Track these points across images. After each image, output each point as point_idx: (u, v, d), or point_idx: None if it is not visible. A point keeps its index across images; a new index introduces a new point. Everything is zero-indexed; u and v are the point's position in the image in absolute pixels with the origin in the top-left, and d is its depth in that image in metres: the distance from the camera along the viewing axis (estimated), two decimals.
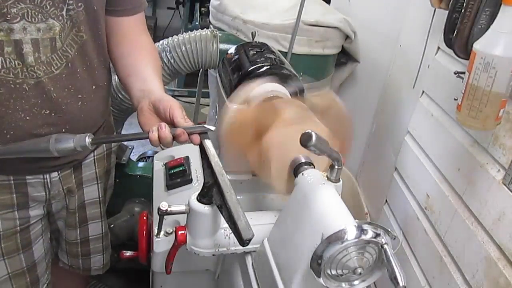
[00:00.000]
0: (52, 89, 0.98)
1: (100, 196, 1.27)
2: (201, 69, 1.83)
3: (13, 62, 0.93)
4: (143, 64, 1.06)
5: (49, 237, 1.25)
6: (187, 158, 1.31)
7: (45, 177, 1.10)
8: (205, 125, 0.91)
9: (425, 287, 1.13)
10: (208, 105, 2.34)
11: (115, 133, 1.32)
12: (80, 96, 1.03)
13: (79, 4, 0.96)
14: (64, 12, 0.95)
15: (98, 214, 1.29)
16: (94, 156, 1.22)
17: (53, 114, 1.00)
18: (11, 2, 0.89)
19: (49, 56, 0.96)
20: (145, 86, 1.00)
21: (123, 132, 1.90)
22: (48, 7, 0.92)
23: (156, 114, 0.93)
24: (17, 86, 0.95)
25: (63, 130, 1.03)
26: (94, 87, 1.07)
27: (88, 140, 0.88)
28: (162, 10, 4.69)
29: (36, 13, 0.92)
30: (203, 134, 0.90)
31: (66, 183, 1.15)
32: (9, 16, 0.89)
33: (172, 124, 0.89)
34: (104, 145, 1.24)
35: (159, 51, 1.57)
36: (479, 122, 0.82)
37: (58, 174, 1.13)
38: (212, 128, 0.90)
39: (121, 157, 1.73)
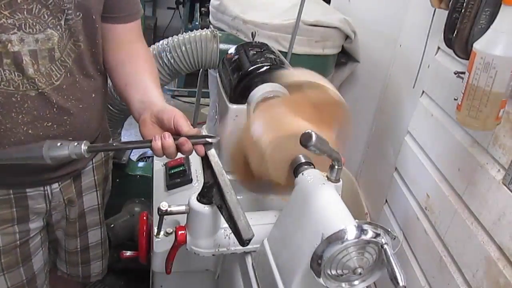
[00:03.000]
0: (54, 100, 0.96)
1: (99, 202, 1.26)
2: (201, 69, 1.83)
3: (13, 74, 0.90)
4: (141, 73, 1.04)
5: (48, 248, 1.23)
6: (187, 158, 1.31)
7: (45, 188, 1.09)
8: (208, 135, 0.89)
9: (425, 287, 1.13)
10: (208, 105, 2.34)
11: (111, 139, 1.31)
12: (81, 106, 1.02)
13: (78, 13, 0.94)
14: (62, 22, 0.92)
15: (97, 221, 1.28)
16: (93, 163, 1.20)
17: (55, 126, 0.98)
18: (7, 12, 0.86)
19: (48, 67, 0.94)
20: (146, 97, 0.97)
21: (123, 132, 1.90)
22: (46, 17, 0.90)
23: (159, 126, 0.90)
24: (18, 99, 0.92)
25: None
26: (93, 95, 1.05)
27: (84, 147, 0.84)
28: (162, 10, 4.69)
29: (34, 24, 0.89)
30: (207, 144, 0.88)
31: (66, 194, 1.14)
32: (6, 27, 0.86)
33: (177, 134, 0.87)
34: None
35: (159, 51, 1.57)
36: (479, 122, 0.82)
37: (59, 185, 1.11)
38: (215, 140, 0.88)
39: (121, 157, 1.73)
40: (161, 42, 1.61)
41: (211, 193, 0.89)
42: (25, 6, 0.87)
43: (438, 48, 1.17)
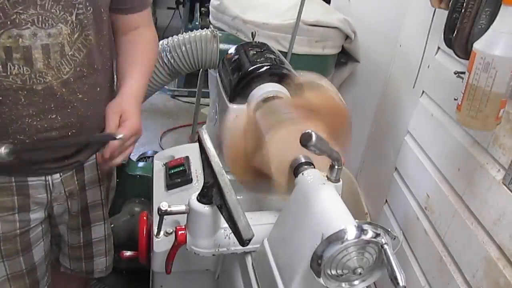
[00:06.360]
0: (59, 93, 0.97)
1: (103, 198, 1.27)
2: (201, 69, 1.83)
3: (21, 68, 0.92)
4: (128, 60, 1.11)
5: (50, 242, 1.24)
6: (187, 158, 1.31)
7: (47, 178, 1.10)
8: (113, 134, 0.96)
9: (425, 287, 1.13)
10: (208, 105, 2.34)
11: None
12: (86, 99, 1.03)
13: (88, 8, 0.96)
14: (73, 17, 0.94)
15: (101, 216, 1.29)
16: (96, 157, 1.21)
17: (59, 118, 1.00)
18: (21, 8, 0.88)
19: (58, 61, 0.95)
20: (120, 83, 1.08)
21: None
22: (58, 11, 0.92)
23: None
24: (25, 92, 0.94)
25: (69, 134, 1.03)
26: (99, 89, 1.06)
27: (4, 150, 0.85)
28: (162, 10, 4.69)
29: (47, 19, 0.91)
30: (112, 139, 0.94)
31: (67, 185, 1.15)
32: (18, 22, 0.88)
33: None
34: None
35: (159, 51, 1.57)
36: (479, 122, 0.82)
37: (60, 176, 1.12)
38: (120, 136, 0.96)
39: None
40: (161, 42, 1.61)
41: (211, 193, 0.89)
42: (38, 1, 0.89)
43: (438, 48, 1.17)
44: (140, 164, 1.88)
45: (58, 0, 0.91)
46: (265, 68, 1.13)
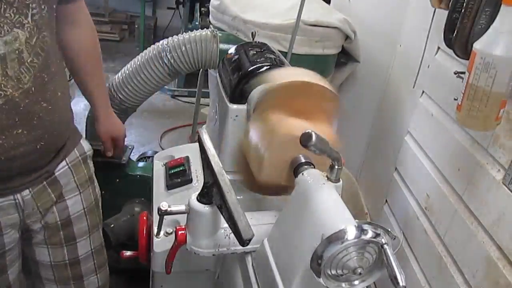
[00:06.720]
0: (22, 105, 0.89)
1: (85, 206, 1.17)
2: (201, 69, 1.83)
3: None
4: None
5: (28, 270, 1.17)
6: (187, 158, 1.31)
7: (16, 197, 1.00)
8: None
9: (425, 287, 1.13)
10: (208, 105, 2.34)
11: (82, 138, 1.18)
12: (50, 107, 0.95)
13: (43, 7, 0.88)
14: (29, 19, 0.86)
15: (86, 229, 1.18)
16: (67, 164, 1.10)
17: (25, 132, 0.91)
18: None
19: (17, 70, 0.86)
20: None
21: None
22: (13, 15, 0.83)
23: None
24: None
25: (37, 147, 0.95)
26: (59, 94, 0.99)
27: None
28: (162, 10, 4.69)
29: (2, 25, 0.82)
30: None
31: (40, 200, 1.05)
32: None
33: None
34: (76, 150, 1.13)
35: (159, 51, 1.56)
36: (479, 122, 0.82)
37: (30, 192, 1.02)
38: None
39: (121, 157, 1.73)
40: (161, 42, 1.61)
41: (211, 193, 0.89)
42: None
43: (438, 48, 1.17)
44: (140, 164, 1.88)
45: (10, 2, 0.82)
46: (265, 68, 1.13)
